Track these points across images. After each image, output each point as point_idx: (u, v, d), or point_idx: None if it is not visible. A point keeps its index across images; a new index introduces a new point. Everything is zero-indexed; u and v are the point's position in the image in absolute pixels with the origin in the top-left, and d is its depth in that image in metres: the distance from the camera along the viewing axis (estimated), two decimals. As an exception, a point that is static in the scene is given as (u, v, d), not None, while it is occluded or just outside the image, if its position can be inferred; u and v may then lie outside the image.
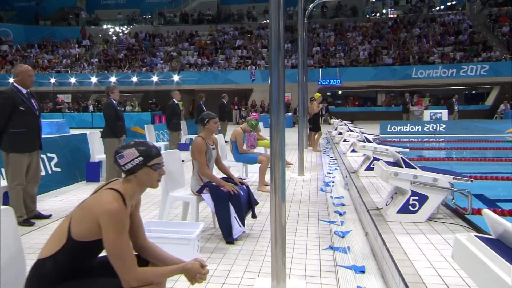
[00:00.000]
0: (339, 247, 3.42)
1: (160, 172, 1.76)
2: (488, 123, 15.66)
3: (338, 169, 7.60)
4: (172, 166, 3.84)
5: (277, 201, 2.94)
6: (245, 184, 3.83)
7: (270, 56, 2.68)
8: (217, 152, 3.86)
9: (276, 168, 2.91)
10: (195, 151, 3.61)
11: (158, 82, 23.75)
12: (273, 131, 2.80)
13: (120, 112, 5.74)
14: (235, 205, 3.55)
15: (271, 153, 2.92)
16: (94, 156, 6.16)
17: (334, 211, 4.61)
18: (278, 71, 2.70)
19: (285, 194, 2.99)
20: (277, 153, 2.90)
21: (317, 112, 10.36)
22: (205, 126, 3.74)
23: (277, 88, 2.62)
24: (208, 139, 3.74)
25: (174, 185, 3.82)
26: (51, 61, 25.99)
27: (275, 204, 2.93)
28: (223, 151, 6.06)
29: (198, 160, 3.61)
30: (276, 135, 2.83)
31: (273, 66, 2.67)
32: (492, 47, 22.16)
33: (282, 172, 2.92)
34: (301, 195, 5.49)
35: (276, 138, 2.85)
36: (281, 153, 2.90)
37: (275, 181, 2.94)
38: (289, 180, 6.50)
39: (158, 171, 1.74)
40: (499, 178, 6.45)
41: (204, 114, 3.79)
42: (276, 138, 2.85)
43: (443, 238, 2.98)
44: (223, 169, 3.93)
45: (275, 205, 2.92)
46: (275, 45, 2.63)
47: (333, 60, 23.42)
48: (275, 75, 2.69)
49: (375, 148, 5.41)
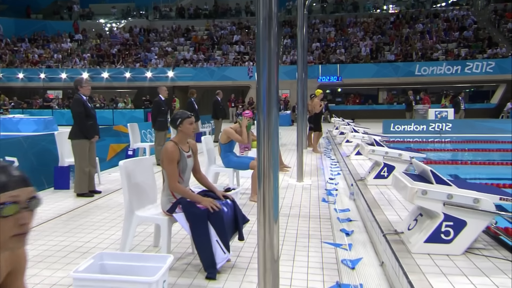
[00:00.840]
0: (349, 285, 2.66)
1: (17, 221, 0.91)
2: (496, 123, 14.93)
3: (341, 173, 6.84)
4: (139, 176, 3.07)
5: (268, 226, 2.20)
6: (230, 198, 3.07)
7: (258, 38, 1.91)
8: (194, 160, 3.10)
9: (266, 182, 2.16)
10: (164, 160, 2.85)
11: (152, 78, 22.94)
12: (262, 135, 2.04)
13: (91, 109, 4.96)
14: (216, 226, 2.79)
15: (258, 162, 2.17)
16: (64, 160, 5.39)
17: (340, 230, 3.85)
18: (268, 58, 1.93)
19: (279, 212, 2.26)
20: (267, 163, 2.15)
21: (318, 111, 9.59)
22: (178, 128, 2.97)
23: (267, 80, 1.86)
24: (182, 144, 2.97)
25: (141, 201, 3.05)
26: (42, 55, 25.11)
27: (264, 230, 2.19)
28: (210, 155, 5.28)
29: (168, 171, 2.84)
30: (265, 140, 2.07)
31: (261, 52, 1.90)
32: (498, 43, 21.41)
33: (275, 188, 2.18)
34: (300, 207, 4.73)
35: (266, 143, 2.09)
36: (272, 163, 2.15)
37: (263, 200, 2.20)
38: (287, 188, 5.74)
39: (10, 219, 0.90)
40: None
41: (177, 113, 3.02)
42: (267, 144, 2.09)
43: (488, 277, 2.23)
44: (203, 180, 3.17)
45: (264, 232, 2.18)
46: (263, 25, 1.86)
47: (334, 56, 22.64)
48: (264, 64, 1.93)
49: (386, 153, 4.65)
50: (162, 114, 7.58)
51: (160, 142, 7.59)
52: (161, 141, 7.61)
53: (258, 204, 2.21)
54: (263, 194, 2.19)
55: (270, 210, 2.19)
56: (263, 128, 1.97)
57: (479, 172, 7.31)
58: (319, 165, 7.76)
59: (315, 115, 9.64)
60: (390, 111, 20.88)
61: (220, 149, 5.35)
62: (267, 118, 1.92)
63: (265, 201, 2.18)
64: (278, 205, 2.24)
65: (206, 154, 5.13)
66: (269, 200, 2.21)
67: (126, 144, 7.78)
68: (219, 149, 5.38)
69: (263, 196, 2.18)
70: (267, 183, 2.19)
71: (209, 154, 5.19)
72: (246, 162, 5.07)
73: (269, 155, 2.14)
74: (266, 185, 2.20)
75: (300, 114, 6.66)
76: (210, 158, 5.23)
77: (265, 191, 2.20)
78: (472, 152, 9.49)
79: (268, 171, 2.16)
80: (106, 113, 20.51)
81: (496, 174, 7.05)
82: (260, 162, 2.14)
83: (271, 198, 2.20)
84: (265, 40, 1.83)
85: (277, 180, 2.22)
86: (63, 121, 20.09)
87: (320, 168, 7.40)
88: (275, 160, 2.17)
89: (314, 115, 9.65)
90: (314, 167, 7.58)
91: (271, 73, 1.81)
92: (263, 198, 2.19)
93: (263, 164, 2.15)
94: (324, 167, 7.53)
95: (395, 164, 4.65)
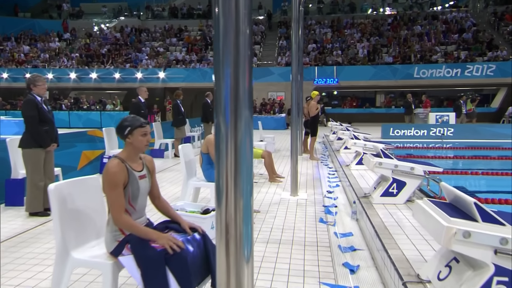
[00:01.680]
0: None
1: None
2: (500, 128, 14.32)
3: (340, 185, 6.12)
4: (80, 202, 2.31)
5: (233, 274, 1.46)
6: (199, 231, 2.31)
7: None
8: (152, 181, 2.34)
9: (229, 214, 1.43)
10: (105, 184, 2.09)
11: (143, 79, 22.12)
12: (223, 146, 1.28)
13: (46, 113, 4.18)
14: (177, 272, 2.04)
15: (216, 186, 1.41)
16: (17, 171, 4.60)
17: (342, 264, 3.11)
18: (235, 32, 1.18)
19: (252, 247, 1.61)
20: (231, 186, 1.40)
21: (315, 115, 8.86)
22: (126, 140, 2.22)
23: (232, 69, 1.10)
24: (131, 161, 2.22)
25: (81, 237, 2.29)
26: (28, 55, 24.20)
27: (228, 281, 1.45)
28: (189, 167, 4.52)
29: (110, 199, 2.09)
30: (229, 153, 1.32)
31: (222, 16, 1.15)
32: (498, 46, 20.88)
33: (245, 221, 1.55)
34: (293, 229, 3.98)
35: (229, 158, 1.34)
36: (241, 187, 1.40)
37: (226, 242, 1.46)
38: (279, 204, 4.99)
39: None
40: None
41: (126, 119, 2.24)
42: (231, 159, 1.34)
43: None
44: (164, 208, 2.41)
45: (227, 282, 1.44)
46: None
47: (330, 58, 21.98)
48: (226, 40, 1.17)
49: (395, 166, 3.92)
50: (142, 117, 6.79)
51: (139, 148, 6.83)
52: (140, 148, 6.85)
53: (217, 244, 1.45)
54: (224, 230, 1.43)
55: (238, 252, 1.43)
56: (225, 136, 1.20)
57: (492, 184, 6.61)
58: (315, 175, 7.03)
59: (312, 119, 8.91)
60: (388, 115, 20.23)
61: (202, 159, 4.60)
62: (232, 123, 1.16)
63: (228, 241, 1.42)
64: (252, 241, 1.49)
65: (184, 167, 4.37)
66: (237, 239, 1.44)
67: (101, 151, 7.00)
68: (200, 159, 4.63)
69: (226, 235, 1.42)
70: (233, 218, 1.42)
71: (187, 166, 4.43)
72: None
73: (234, 174, 1.35)
74: (230, 221, 1.44)
75: (294, 118, 5.94)
76: (189, 171, 4.47)
77: (229, 227, 1.43)
78: (481, 159, 8.80)
79: (234, 199, 1.39)
80: (93, 115, 19.69)
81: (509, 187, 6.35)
82: (220, 185, 1.37)
83: (239, 235, 1.43)
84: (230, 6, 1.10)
85: (249, 211, 1.45)
86: (48, 123, 19.26)
87: (317, 179, 6.67)
88: (247, 181, 1.41)
89: (311, 118, 8.92)
90: (310, 177, 6.85)
91: (238, 60, 1.07)
92: (226, 240, 1.43)
93: (224, 189, 1.38)
94: (321, 177, 6.80)
95: (406, 180, 3.93)
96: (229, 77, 1.09)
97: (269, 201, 5.13)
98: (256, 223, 4.17)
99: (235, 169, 1.22)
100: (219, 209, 1.35)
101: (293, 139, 5.71)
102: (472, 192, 6.03)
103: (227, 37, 1.07)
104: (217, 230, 1.41)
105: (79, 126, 18.38)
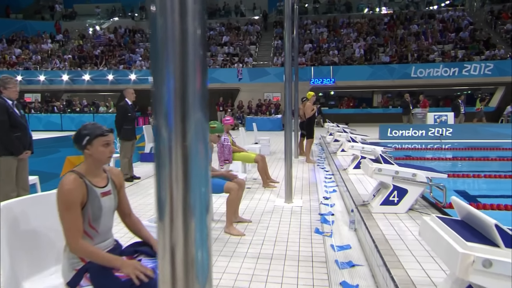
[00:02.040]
0: None
1: None
2: (499, 127, 14.09)
3: (337, 190, 5.82)
4: (35, 223, 2.00)
5: None
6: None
7: None
8: (120, 197, 2.03)
9: (175, 240, 1.36)
10: (58, 205, 1.78)
11: (136, 81, 21.76)
12: (164, 154, 0.90)
13: (18, 117, 3.86)
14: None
15: (157, 203, 1.05)
16: (-10, 181, 4.27)
17: (340, 283, 2.81)
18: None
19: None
20: (177, 205, 1.01)
21: (311, 116, 8.57)
22: (84, 151, 1.91)
23: (178, 60, 0.79)
24: (91, 176, 1.90)
25: (36, 264, 1.98)
26: (20, 57, 23.80)
27: None
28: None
29: (64, 222, 1.78)
30: (173, 163, 0.91)
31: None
32: (495, 44, 20.70)
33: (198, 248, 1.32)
34: (287, 242, 3.68)
35: (173, 170, 0.93)
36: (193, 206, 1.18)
37: None
38: (272, 212, 4.69)
39: None
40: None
41: (84, 128, 1.91)
42: (176, 171, 0.92)
43: None
44: (135, 226, 2.10)
45: None
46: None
47: (326, 58, 21.72)
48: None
49: (396, 173, 3.62)
50: (129, 121, 6.49)
51: (126, 154, 6.50)
52: (127, 153, 6.52)
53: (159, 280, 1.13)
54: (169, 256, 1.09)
55: None
56: (168, 143, 0.86)
57: (494, 187, 6.32)
58: (311, 179, 6.73)
59: (308, 120, 8.62)
60: (386, 115, 19.98)
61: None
62: (177, 126, 0.83)
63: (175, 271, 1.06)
64: (210, 271, 1.16)
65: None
66: (188, 269, 1.12)
67: (87, 156, 6.66)
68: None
69: (172, 263, 1.08)
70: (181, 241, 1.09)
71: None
72: (220, 184, 4.01)
73: (183, 187, 0.94)
74: (176, 249, 1.10)
75: (288, 119, 5.62)
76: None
77: (175, 251, 1.08)
78: (482, 161, 8.53)
79: (183, 218, 1.00)
80: (86, 117, 19.31)
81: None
82: (162, 200, 0.98)
83: (190, 263, 1.11)
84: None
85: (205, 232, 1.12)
86: (40, 127, 18.86)
87: (313, 183, 6.37)
88: (201, 195, 1.06)
89: (307, 120, 8.63)
90: (306, 181, 6.55)
91: (187, 60, 0.76)
92: (171, 270, 1.07)
93: (168, 205, 0.99)
94: (317, 181, 6.50)
95: (408, 187, 3.63)
96: (172, 78, 0.79)
97: (262, 209, 4.82)
98: (247, 235, 3.86)
99: (184, 180, 0.89)
100: (161, 231, 0.97)
101: (287, 143, 5.40)
102: (474, 196, 5.76)
103: (168, 39, 0.76)
104: (160, 257, 1.02)
105: (72, 129, 18.01)
